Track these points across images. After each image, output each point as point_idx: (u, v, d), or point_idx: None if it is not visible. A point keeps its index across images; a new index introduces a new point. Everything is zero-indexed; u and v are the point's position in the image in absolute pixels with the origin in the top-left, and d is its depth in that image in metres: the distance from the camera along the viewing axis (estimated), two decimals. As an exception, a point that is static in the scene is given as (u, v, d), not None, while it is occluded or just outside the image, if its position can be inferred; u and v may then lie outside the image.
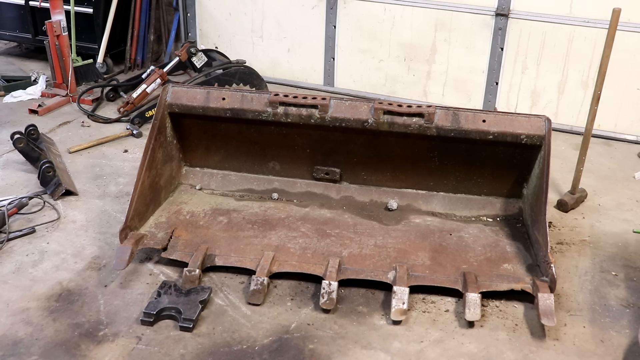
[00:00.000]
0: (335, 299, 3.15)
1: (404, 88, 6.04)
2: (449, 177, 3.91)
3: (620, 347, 3.00)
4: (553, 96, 5.52)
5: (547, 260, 3.19)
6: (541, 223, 3.38)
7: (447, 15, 5.64)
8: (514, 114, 3.63)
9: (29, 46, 7.42)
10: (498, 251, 3.55)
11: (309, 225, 3.76)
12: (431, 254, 3.51)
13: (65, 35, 5.71)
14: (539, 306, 3.03)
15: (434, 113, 3.59)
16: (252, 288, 3.20)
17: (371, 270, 3.33)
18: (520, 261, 3.45)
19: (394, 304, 3.10)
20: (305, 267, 3.33)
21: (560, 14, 5.26)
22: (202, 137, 4.02)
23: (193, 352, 2.88)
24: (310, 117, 3.72)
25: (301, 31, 6.28)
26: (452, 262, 3.44)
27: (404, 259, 3.45)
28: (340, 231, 3.71)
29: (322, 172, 4.04)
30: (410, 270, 3.30)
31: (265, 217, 3.83)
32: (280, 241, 3.59)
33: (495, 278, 3.28)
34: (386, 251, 3.52)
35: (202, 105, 3.79)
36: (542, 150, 3.54)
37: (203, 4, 6.67)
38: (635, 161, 5.04)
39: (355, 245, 3.57)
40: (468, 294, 3.10)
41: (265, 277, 3.22)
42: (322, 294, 3.16)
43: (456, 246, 3.59)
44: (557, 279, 3.14)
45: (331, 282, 3.17)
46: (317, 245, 3.56)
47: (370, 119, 3.65)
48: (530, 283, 3.20)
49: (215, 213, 3.85)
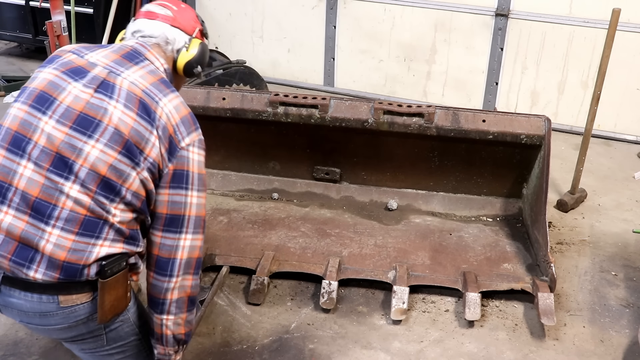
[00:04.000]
0: (335, 298, 3.15)
1: (404, 88, 6.04)
2: (448, 177, 3.92)
3: (620, 347, 3.00)
4: (553, 96, 5.53)
5: (547, 260, 3.19)
6: (541, 223, 3.38)
7: (447, 15, 5.64)
8: (514, 114, 3.64)
9: (30, 46, 7.42)
10: (498, 251, 3.55)
11: (309, 225, 3.76)
12: (431, 253, 3.52)
13: (66, 36, 5.70)
14: (538, 306, 3.03)
15: (433, 113, 3.59)
16: (252, 288, 3.20)
17: (371, 269, 3.33)
18: (520, 261, 3.45)
19: (394, 304, 3.10)
20: (306, 267, 3.33)
21: (560, 14, 5.26)
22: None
23: (193, 352, 2.88)
24: (310, 117, 3.73)
25: (301, 31, 6.29)
26: (452, 261, 3.44)
27: (404, 258, 3.45)
28: (340, 231, 3.71)
29: (322, 172, 4.05)
30: (410, 270, 3.30)
31: (265, 217, 3.84)
32: (280, 241, 3.59)
33: (495, 278, 3.28)
34: (386, 251, 3.52)
35: (203, 105, 3.80)
36: (542, 150, 3.55)
37: (203, 4, 6.68)
38: (635, 161, 5.05)
39: (355, 245, 3.58)
40: (468, 293, 3.11)
41: (266, 277, 3.23)
42: (322, 294, 3.16)
43: (456, 246, 3.59)
44: (557, 278, 3.15)
45: (331, 281, 3.17)
46: (317, 245, 3.56)
47: (370, 119, 3.66)
48: (530, 283, 3.21)
49: (215, 213, 3.85)
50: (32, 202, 1.80)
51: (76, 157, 1.81)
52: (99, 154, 1.82)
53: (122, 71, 1.92)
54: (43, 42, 5.98)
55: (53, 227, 1.79)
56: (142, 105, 1.88)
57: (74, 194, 1.80)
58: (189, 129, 1.95)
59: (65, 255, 1.79)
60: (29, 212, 1.80)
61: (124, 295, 1.91)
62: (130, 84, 1.90)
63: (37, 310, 1.84)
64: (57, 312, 1.84)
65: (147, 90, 1.91)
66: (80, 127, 1.83)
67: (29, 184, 1.81)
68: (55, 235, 1.79)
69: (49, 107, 1.85)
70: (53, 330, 1.91)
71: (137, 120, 1.86)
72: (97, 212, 1.82)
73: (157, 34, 2.07)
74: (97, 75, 1.90)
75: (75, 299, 1.84)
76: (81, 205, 1.80)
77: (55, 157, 1.81)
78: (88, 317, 1.89)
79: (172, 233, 1.93)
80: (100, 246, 1.82)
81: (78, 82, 1.88)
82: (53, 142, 1.82)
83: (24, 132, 1.84)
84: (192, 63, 2.14)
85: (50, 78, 1.90)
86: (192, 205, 1.94)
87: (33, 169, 1.81)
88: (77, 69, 1.91)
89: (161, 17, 2.09)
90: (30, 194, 1.80)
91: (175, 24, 2.10)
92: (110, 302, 1.86)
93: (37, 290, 1.81)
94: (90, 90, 1.87)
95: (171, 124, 1.90)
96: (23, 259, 1.79)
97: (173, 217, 1.92)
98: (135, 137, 1.85)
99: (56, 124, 1.83)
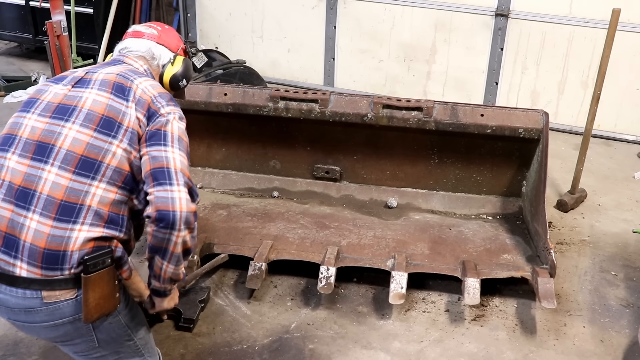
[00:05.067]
0: (333, 284, 3.12)
1: (404, 88, 6.04)
2: (448, 175, 3.92)
3: (620, 347, 3.00)
4: (553, 96, 5.53)
5: (547, 247, 3.17)
6: (540, 212, 3.36)
7: (447, 15, 5.64)
8: (512, 108, 3.65)
9: (30, 46, 7.43)
10: (498, 243, 3.53)
11: (308, 218, 3.77)
12: (430, 244, 3.50)
13: (66, 36, 5.70)
14: (538, 290, 2.99)
15: (432, 107, 3.60)
16: (249, 273, 3.18)
17: (370, 258, 3.32)
18: (520, 252, 3.43)
19: (393, 288, 3.08)
20: (304, 255, 3.32)
21: (560, 14, 5.26)
22: (204, 135, 4.03)
23: (193, 352, 2.89)
24: (310, 112, 3.74)
25: (301, 31, 6.29)
26: (452, 252, 3.42)
27: (403, 248, 3.44)
28: (339, 224, 3.71)
29: (322, 171, 4.05)
30: (409, 259, 3.28)
31: (264, 211, 3.85)
32: (279, 232, 3.59)
33: (494, 266, 3.25)
34: (385, 241, 3.52)
35: (205, 100, 3.82)
36: (540, 144, 3.55)
37: (203, 4, 6.68)
38: (635, 161, 5.05)
39: (354, 236, 3.57)
40: (467, 279, 3.08)
41: (264, 263, 3.20)
42: (320, 279, 3.14)
43: (455, 239, 3.58)
44: (556, 265, 3.09)
45: (329, 267, 3.15)
46: (316, 236, 3.57)
47: (369, 113, 3.67)
48: (530, 271, 3.17)
49: (214, 207, 3.87)
50: (15, 191, 1.88)
51: (54, 140, 1.93)
52: (76, 134, 1.93)
53: (99, 70, 2.09)
54: (43, 42, 5.98)
55: (33, 213, 1.86)
56: (115, 85, 2.03)
57: (52, 178, 1.88)
58: (167, 102, 2.05)
59: (45, 241, 1.84)
60: (13, 201, 1.88)
61: (111, 294, 1.92)
62: (106, 74, 2.07)
63: (22, 306, 1.88)
64: (40, 308, 1.88)
65: (122, 74, 2.07)
66: (58, 114, 1.97)
67: (13, 174, 1.91)
68: (35, 222, 1.85)
69: (32, 106, 2.03)
70: (40, 329, 1.94)
71: (111, 98, 2.00)
72: (74, 196, 1.87)
73: (144, 50, 2.25)
74: (75, 76, 2.10)
75: (58, 295, 1.87)
76: (58, 188, 1.87)
77: (36, 145, 1.93)
78: (74, 316, 1.91)
79: (162, 186, 1.90)
80: (79, 231, 1.86)
81: (58, 84, 2.08)
82: (34, 133, 1.97)
83: (12, 132, 2.00)
84: (177, 77, 2.32)
85: (39, 86, 2.14)
86: (175, 160, 1.94)
87: (17, 160, 1.93)
88: (61, 77, 2.13)
89: (147, 35, 2.29)
90: (15, 183, 1.90)
91: (160, 42, 2.30)
92: (95, 300, 1.88)
93: (21, 285, 1.86)
94: (68, 86, 2.06)
95: (148, 96, 2.03)
96: (9, 249, 1.86)
97: (157, 170, 1.92)
98: (111, 111, 1.97)
99: (38, 117, 1.99)
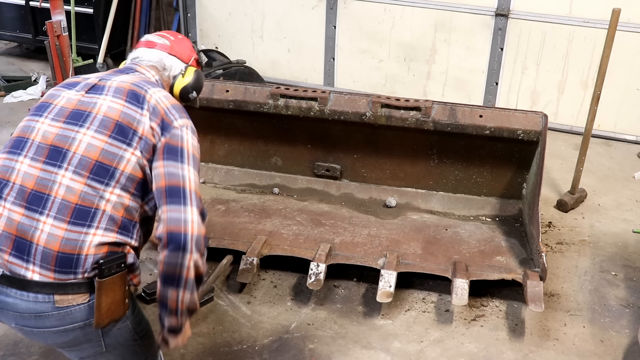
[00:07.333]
0: (323, 280, 3.13)
1: (404, 88, 6.04)
2: (448, 176, 3.92)
3: (620, 347, 3.00)
4: (553, 96, 5.53)
5: (538, 250, 3.17)
6: (534, 215, 3.36)
7: (447, 15, 5.64)
8: (511, 110, 3.64)
9: (30, 46, 7.42)
10: (492, 245, 3.53)
11: (304, 215, 3.79)
12: (424, 244, 3.50)
13: (66, 36, 5.70)
14: (527, 293, 2.99)
15: (430, 107, 3.60)
16: (241, 267, 3.20)
17: (361, 256, 3.32)
18: (514, 255, 3.42)
19: (381, 286, 3.08)
20: (297, 252, 3.33)
21: (560, 14, 5.26)
22: (207, 130, 4.04)
23: (193, 352, 2.89)
24: (310, 110, 3.75)
25: (301, 31, 6.29)
26: (444, 252, 3.42)
27: (395, 247, 3.44)
28: (335, 222, 3.72)
29: (322, 169, 4.07)
30: (401, 258, 3.28)
31: (263, 207, 3.87)
32: (274, 227, 3.62)
33: (486, 268, 3.25)
34: (378, 240, 3.52)
35: (207, 97, 3.84)
36: (539, 146, 3.55)
37: (203, 4, 6.67)
38: (635, 161, 5.05)
39: (349, 234, 3.58)
40: (456, 279, 3.08)
41: (255, 257, 3.22)
42: (309, 275, 3.14)
43: (450, 239, 3.57)
44: (547, 268, 3.08)
45: (319, 263, 3.16)
46: (310, 233, 3.58)
47: (368, 112, 3.67)
48: (521, 274, 3.16)
49: (214, 202, 3.90)
50: (27, 195, 1.86)
51: (69, 145, 1.90)
52: (90, 139, 1.91)
53: (112, 78, 2.06)
54: (43, 42, 5.97)
55: (47, 217, 1.84)
56: (130, 93, 2.00)
57: (66, 182, 1.86)
58: (180, 114, 2.03)
59: (59, 244, 1.82)
60: (24, 204, 1.86)
61: (122, 300, 1.91)
62: (120, 82, 2.04)
63: (33, 310, 1.85)
64: (52, 312, 1.85)
65: (136, 83, 2.04)
66: (73, 119, 1.95)
67: (25, 178, 1.89)
68: (49, 225, 1.83)
69: (45, 111, 2.00)
70: (49, 334, 1.91)
71: (125, 105, 1.97)
72: (89, 200, 1.86)
73: (155, 60, 2.23)
74: (89, 82, 2.06)
75: (71, 300, 1.85)
76: (73, 192, 1.85)
77: (49, 149, 1.91)
78: (85, 321, 1.89)
79: (176, 205, 1.88)
80: (93, 235, 1.84)
81: (71, 89, 2.05)
82: (47, 137, 1.93)
83: (24, 135, 1.97)
84: (187, 88, 2.30)
85: (51, 91, 2.09)
86: (190, 180, 1.93)
87: (29, 163, 1.90)
88: (73, 82, 2.09)
89: (159, 45, 2.26)
90: (27, 187, 1.87)
91: (172, 52, 2.26)
92: (107, 305, 1.86)
93: (33, 289, 1.83)
94: (82, 92, 2.03)
95: (161, 107, 2.00)
96: (21, 252, 1.83)
97: (172, 188, 1.90)
98: (125, 118, 1.94)
99: (51, 121, 1.96)
